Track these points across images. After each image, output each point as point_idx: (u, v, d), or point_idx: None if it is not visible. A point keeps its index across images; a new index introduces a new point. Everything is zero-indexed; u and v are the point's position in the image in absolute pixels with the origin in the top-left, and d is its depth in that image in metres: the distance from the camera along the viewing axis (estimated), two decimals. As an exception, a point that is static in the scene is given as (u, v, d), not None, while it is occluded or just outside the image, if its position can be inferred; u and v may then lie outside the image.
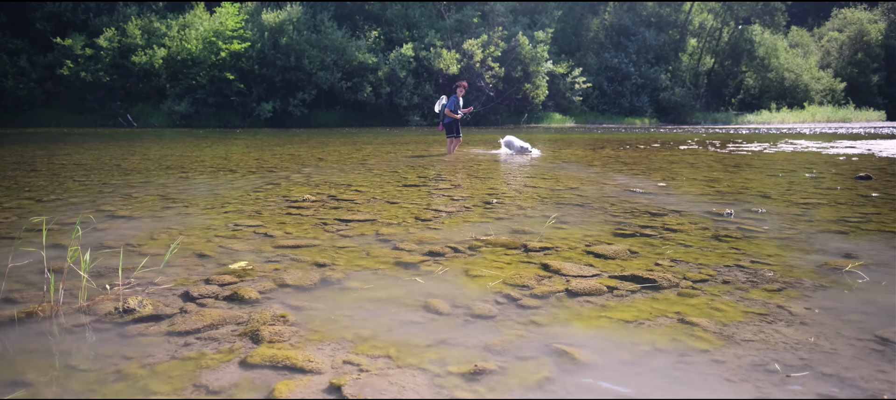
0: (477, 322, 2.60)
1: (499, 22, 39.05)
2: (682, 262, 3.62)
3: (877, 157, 12.25)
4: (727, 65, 55.75)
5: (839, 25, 64.70)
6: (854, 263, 3.56)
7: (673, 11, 53.03)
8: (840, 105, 54.17)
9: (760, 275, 3.34)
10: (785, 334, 2.47)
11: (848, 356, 2.25)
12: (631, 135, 24.33)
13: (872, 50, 61.01)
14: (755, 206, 5.77)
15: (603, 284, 3.12)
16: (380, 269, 3.41)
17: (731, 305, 2.83)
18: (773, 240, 4.25)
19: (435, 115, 35.16)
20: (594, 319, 2.67)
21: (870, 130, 31.75)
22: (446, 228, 4.58)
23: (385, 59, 34.24)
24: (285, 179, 7.70)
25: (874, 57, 60.75)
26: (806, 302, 2.87)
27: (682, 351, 2.30)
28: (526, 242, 4.07)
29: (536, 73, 38.32)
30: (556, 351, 2.28)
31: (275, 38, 32.94)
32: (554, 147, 15.73)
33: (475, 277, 3.25)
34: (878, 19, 64.25)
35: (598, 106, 44.74)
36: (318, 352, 2.26)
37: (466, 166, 9.80)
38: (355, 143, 16.42)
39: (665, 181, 7.75)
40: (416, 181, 7.58)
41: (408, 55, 33.72)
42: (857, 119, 51.76)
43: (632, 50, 46.77)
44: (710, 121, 46.59)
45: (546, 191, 6.82)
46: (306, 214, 5.08)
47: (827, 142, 18.94)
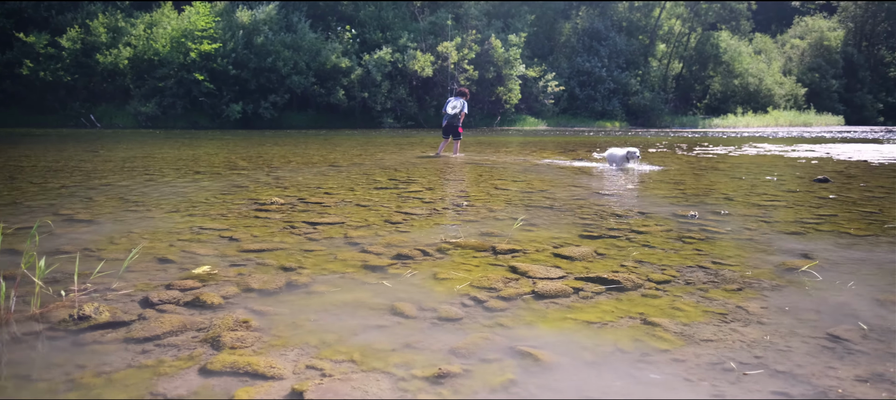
0: (443, 325, 2.61)
1: (472, 25, 39.20)
2: (646, 263, 3.67)
3: (835, 161, 12.60)
4: (695, 70, 56.80)
5: (801, 32, 66.40)
6: (809, 263, 3.66)
7: (643, 17, 53.85)
8: (802, 110, 55.56)
9: (721, 275, 3.40)
10: (742, 333, 2.52)
11: (801, 354, 2.31)
12: (602, 138, 24.61)
13: (832, 57, 62.74)
14: (719, 207, 5.88)
15: (569, 286, 3.15)
16: (347, 272, 3.39)
17: (693, 306, 2.88)
18: (735, 241, 4.35)
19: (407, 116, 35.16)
20: (559, 320, 2.69)
21: (829, 135, 32.63)
22: (416, 230, 4.58)
23: (359, 61, 34.08)
24: (254, 182, 7.61)
25: (833, 64, 62.47)
26: (763, 302, 2.94)
27: (643, 351, 2.33)
28: (495, 244, 4.09)
29: (509, 76, 38.54)
30: (521, 353, 2.29)
31: (249, 38, 32.53)
32: (527, 150, 15.82)
33: (443, 280, 3.25)
34: (837, 27, 66.11)
35: (570, 109, 45.18)
36: (281, 358, 2.23)
37: (439, 169, 9.80)
38: (327, 146, 16.31)
39: (632, 184, 7.86)
40: (387, 184, 7.56)
41: (385, 59, 33.64)
42: (818, 124, 53.15)
43: (603, 54, 47.34)
44: (678, 124, 47.40)
45: (517, 193, 6.86)
46: (274, 217, 5.03)
47: (788, 146, 19.41)
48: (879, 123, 60.90)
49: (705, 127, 46.25)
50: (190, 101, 31.68)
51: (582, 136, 27.10)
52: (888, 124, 60.28)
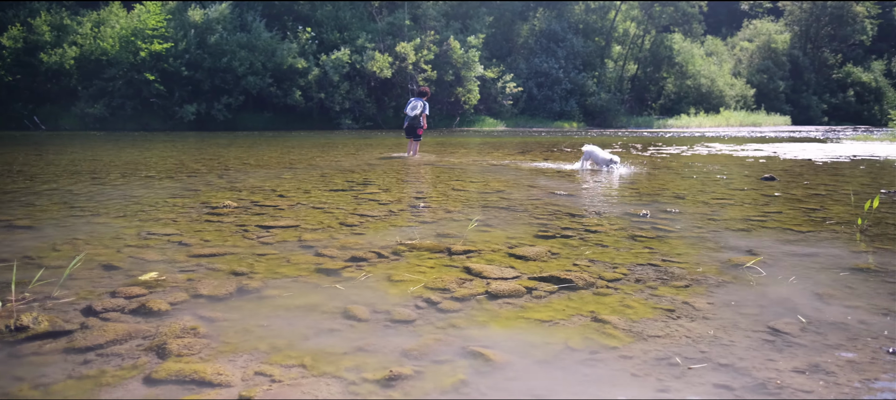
0: (396, 327, 2.60)
1: (431, 26, 39.21)
2: (598, 262, 3.73)
3: (781, 160, 13.05)
4: (649, 71, 58.06)
5: (750, 35, 68.55)
6: (754, 259, 3.78)
7: (599, 19, 54.77)
8: (751, 110, 57.32)
9: (670, 272, 3.49)
10: (688, 329, 2.59)
11: (743, 347, 2.38)
12: (559, 138, 24.93)
13: (779, 59, 64.95)
14: (670, 206, 6.02)
15: (522, 286, 3.18)
16: (300, 276, 3.35)
17: (642, 303, 2.94)
18: (684, 239, 4.46)
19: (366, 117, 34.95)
20: (512, 320, 2.71)
21: (777, 134, 33.78)
22: (371, 232, 4.56)
23: (316, 61, 33.69)
24: (206, 185, 7.45)
25: (780, 65, 64.68)
26: (709, 297, 3.02)
27: (593, 349, 2.37)
28: (450, 245, 4.10)
29: (468, 77, 38.67)
30: (473, 353, 2.31)
31: (202, 38, 31.79)
32: (484, 150, 15.92)
33: (397, 282, 3.24)
34: (784, 31, 68.52)
35: (528, 110, 45.61)
36: (230, 364, 2.19)
37: (397, 170, 9.78)
38: (283, 148, 16.09)
39: (588, 184, 7.98)
40: (343, 186, 7.50)
41: (343, 60, 33.31)
42: (767, 124, 54.94)
43: (561, 56, 47.96)
44: (633, 124, 48.37)
45: (473, 194, 6.89)
46: (226, 221, 4.93)
47: (738, 145, 20.01)
48: (824, 123, 63.29)
49: (660, 127, 47.32)
50: (140, 103, 30.78)
51: (540, 136, 27.41)
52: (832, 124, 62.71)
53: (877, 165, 11.69)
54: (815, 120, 64.11)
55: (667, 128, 46.73)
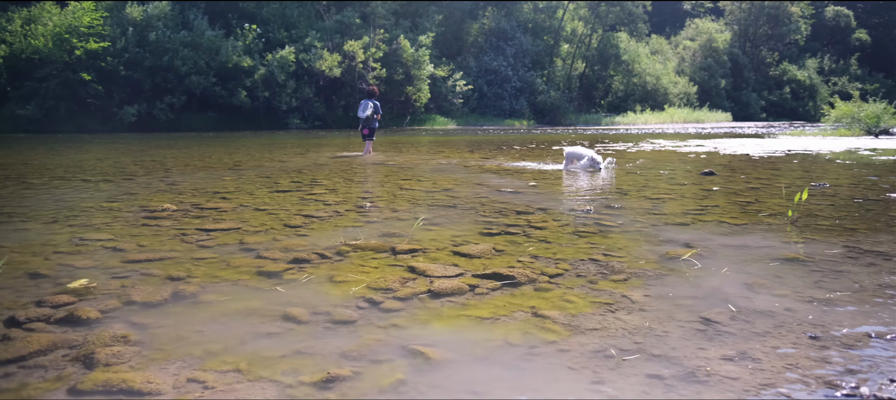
0: (337, 329, 2.57)
1: (380, 24, 38.98)
2: (542, 258, 3.78)
3: (721, 155, 13.51)
4: (597, 69, 59.20)
5: (692, 34, 70.69)
6: (690, 251, 3.90)
7: (547, 18, 55.52)
8: (694, 107, 59.15)
9: (610, 266, 3.56)
10: (625, 321, 2.65)
11: (676, 338, 2.45)
12: (509, 136, 25.17)
13: (720, 57, 67.20)
14: (613, 201, 6.15)
15: (465, 284, 3.19)
16: (240, 279, 3.28)
17: (581, 297, 3.00)
18: (625, 233, 4.56)
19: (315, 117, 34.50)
20: (454, 318, 2.72)
21: (718, 130, 34.96)
22: (316, 233, 4.50)
23: (262, 60, 33.02)
24: (145, 188, 7.21)
25: (721, 64, 66.94)
26: (646, 290, 3.10)
27: (532, 343, 2.40)
28: (395, 244, 4.09)
29: (418, 75, 38.63)
30: (413, 352, 2.30)
31: (141, 36, 30.75)
32: (433, 149, 15.94)
33: (340, 283, 3.21)
34: (724, 30, 71.00)
35: (478, 108, 45.88)
36: (161, 372, 2.13)
37: (345, 170, 9.68)
38: (228, 149, 15.72)
39: (535, 181, 8.08)
40: (289, 187, 7.39)
41: (289, 58, 32.72)
42: (709, 120, 56.79)
43: (510, 54, 48.40)
44: (582, 122, 49.24)
45: (421, 193, 6.89)
46: (164, 225, 4.79)
47: (681, 141, 20.62)
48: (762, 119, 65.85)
49: (608, 124, 48.32)
50: (76, 104, 29.56)
51: (491, 134, 27.60)
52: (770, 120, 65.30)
53: (809, 159, 12.23)
54: (755, 116, 66.59)
55: (614, 125, 47.77)
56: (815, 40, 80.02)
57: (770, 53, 73.87)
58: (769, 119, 66.78)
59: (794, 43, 74.48)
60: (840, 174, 9.16)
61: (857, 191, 7.08)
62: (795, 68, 73.98)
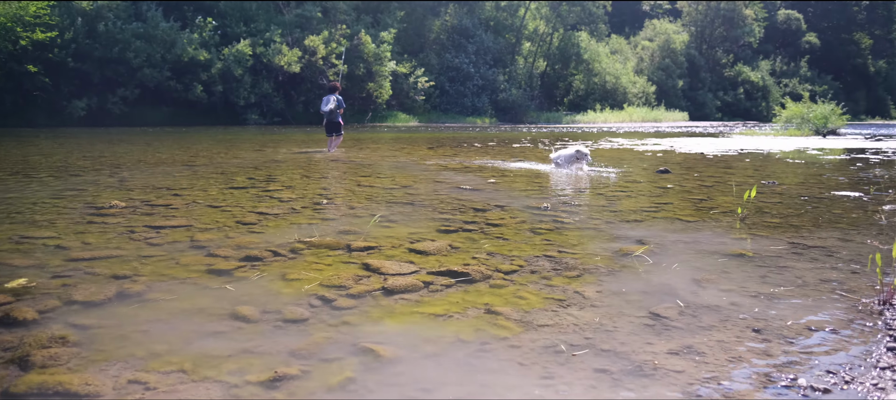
0: (286, 327, 2.53)
1: (341, 19, 38.62)
2: (497, 254, 3.79)
3: (677, 154, 13.81)
4: (558, 68, 59.84)
5: (650, 35, 72.11)
6: (643, 248, 3.97)
7: (509, 16, 55.86)
8: (652, 107, 60.36)
9: (564, 263, 3.59)
10: (576, 317, 2.67)
11: (625, 333, 2.49)
12: (471, 134, 25.24)
13: (677, 58, 68.75)
14: (571, 199, 6.22)
15: (420, 281, 3.18)
16: (189, 278, 3.20)
17: (535, 293, 3.02)
18: (580, 230, 4.62)
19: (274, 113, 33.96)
20: (407, 315, 2.71)
21: (675, 129, 35.75)
22: (270, 231, 4.42)
23: (219, 54, 32.32)
24: (93, 184, 6.98)
25: (679, 64, 68.49)
26: (598, 286, 3.14)
27: (483, 340, 2.40)
28: (350, 242, 4.05)
29: (380, 72, 38.41)
30: (363, 350, 2.28)
31: (91, 27, 29.74)
32: (394, 146, 15.87)
33: (292, 281, 3.16)
34: (682, 31, 72.68)
35: (440, 105, 45.90)
36: (100, 373, 2.06)
37: (303, 167, 9.55)
38: (183, 144, 15.35)
39: (494, 178, 8.12)
40: (244, 183, 7.25)
41: (245, 52, 32.07)
42: (667, 119, 58.02)
43: (472, 51, 48.54)
44: (543, 120, 49.72)
45: (379, 190, 6.85)
46: (112, 222, 4.64)
47: (639, 140, 21.01)
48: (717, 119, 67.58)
49: (568, 123, 48.89)
50: (22, 97, 28.44)
51: (454, 132, 27.63)
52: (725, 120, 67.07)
53: (760, 158, 12.59)
54: (710, 116, 68.30)
55: (575, 123, 48.36)
56: (768, 42, 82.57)
57: (725, 55, 75.86)
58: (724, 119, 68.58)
59: (748, 45, 76.71)
60: (788, 173, 9.46)
61: (803, 189, 7.32)
62: (749, 70, 76.18)
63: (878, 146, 17.89)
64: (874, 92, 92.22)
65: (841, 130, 28.22)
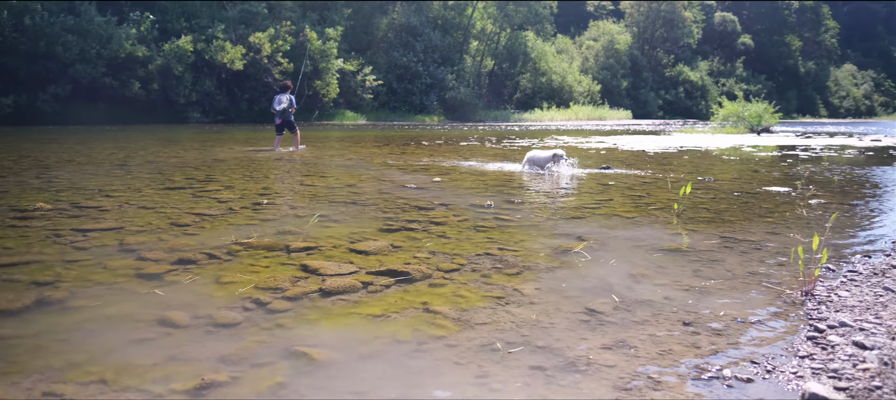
0: (217, 332, 2.45)
1: (287, 15, 37.89)
2: (439, 253, 3.78)
3: (619, 151, 14.13)
4: (505, 67, 60.37)
5: (595, 35, 73.64)
6: (582, 244, 4.03)
7: (457, 15, 55.98)
8: (597, 105, 61.63)
9: (505, 261, 3.61)
10: (514, 314, 2.68)
11: (561, 329, 2.51)
12: (419, 132, 25.19)
13: (621, 58, 70.48)
14: (514, 196, 6.27)
15: (359, 281, 3.14)
16: (116, 283, 3.07)
17: (474, 291, 3.02)
18: (522, 227, 4.65)
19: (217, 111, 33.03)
20: (343, 316, 2.66)
21: (619, 127, 36.58)
22: (206, 232, 4.29)
23: (159, 50, 31.19)
24: (18, 186, 6.63)
25: (622, 64, 70.23)
26: (537, 283, 3.17)
27: (420, 340, 2.39)
28: (289, 242, 3.96)
29: (327, 69, 37.88)
30: (296, 353, 2.23)
31: (17, 20, 28.21)
32: (340, 144, 15.68)
33: (226, 284, 3.07)
34: (625, 31, 74.55)
35: (389, 103, 45.65)
36: (13, 387, 1.94)
37: (244, 166, 9.32)
38: (118, 143, 14.77)
39: (440, 177, 8.11)
40: (182, 183, 7.02)
41: (186, 49, 31.06)
42: (611, 118, 59.33)
43: (420, 50, 48.44)
44: (491, 118, 50.06)
45: (323, 189, 6.74)
46: (35, 226, 4.41)
47: (584, 138, 21.40)
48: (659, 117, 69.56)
49: (516, 121, 49.40)
50: (-57, 93, 26.79)
51: (402, 130, 27.52)
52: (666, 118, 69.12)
53: (698, 155, 13.01)
54: (653, 114, 70.21)
55: (522, 121, 48.90)
56: (706, 44, 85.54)
57: (666, 55, 78.15)
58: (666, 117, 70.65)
59: (688, 46, 79.24)
60: (724, 169, 9.80)
61: (736, 184, 7.59)
62: (689, 69, 78.68)
63: (807, 143, 18.76)
64: (804, 91, 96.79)
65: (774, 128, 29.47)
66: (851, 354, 2.21)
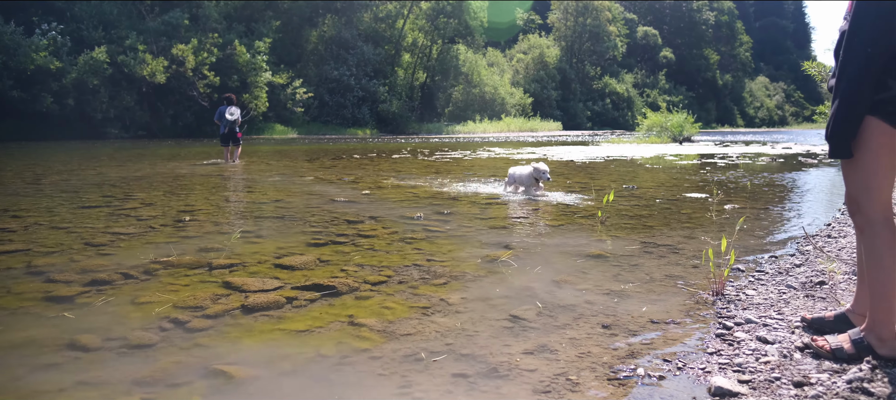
0: (132, 354, 2.36)
1: (212, 27, 36.83)
2: (366, 266, 3.77)
3: (549, 161, 14.46)
4: (438, 80, 60.78)
5: (525, 48, 75.31)
6: (508, 253, 4.10)
7: (388, 28, 55.99)
8: (529, 117, 62.92)
9: (432, 271, 3.63)
10: (439, 324, 2.70)
11: (485, 336, 2.55)
12: (350, 145, 25.00)
13: (550, 71, 72.33)
14: (444, 208, 6.32)
15: (283, 296, 3.09)
16: (21, 307, 2.90)
17: (401, 303, 3.02)
18: (451, 238, 4.69)
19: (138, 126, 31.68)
20: (266, 332, 2.61)
21: (549, 138, 37.48)
22: (122, 252, 4.11)
23: (72, 62, 29.60)
24: (-87, 207, 6.17)
25: (552, 76, 72.08)
26: (464, 292, 3.20)
27: (344, 353, 2.37)
28: (212, 260, 3.85)
29: (255, 82, 37.04)
30: (215, 372, 2.17)
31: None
32: (269, 159, 15.36)
33: (142, 305, 2.95)
34: (553, 45, 76.65)
35: (320, 117, 45.05)
36: None
37: (167, 182, 8.98)
38: (29, 160, 13.95)
39: (370, 190, 8.08)
40: (98, 202, 6.70)
41: (101, 60, 29.56)
42: (542, 129, 60.68)
43: (351, 63, 48.10)
44: (424, 131, 50.24)
45: (250, 204, 6.59)
46: (-68, 250, 4.11)
47: (515, 149, 21.79)
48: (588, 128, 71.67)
49: (449, 133, 49.77)
50: None
51: (334, 143, 27.22)
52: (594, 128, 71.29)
53: (624, 164, 13.49)
54: (582, 125, 72.29)
55: (455, 134, 49.32)
56: (631, 57, 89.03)
57: (593, 68, 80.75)
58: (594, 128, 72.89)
59: (614, 59, 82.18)
60: (647, 177, 10.20)
61: (658, 192, 7.91)
62: (615, 82, 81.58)
63: (725, 151, 19.78)
64: (723, 102, 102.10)
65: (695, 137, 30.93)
66: (755, 348, 2.35)
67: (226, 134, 13.08)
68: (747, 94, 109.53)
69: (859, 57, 2.04)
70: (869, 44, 2.03)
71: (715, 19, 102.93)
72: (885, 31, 2.01)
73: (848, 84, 2.08)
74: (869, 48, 2.02)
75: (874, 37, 2.02)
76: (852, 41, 2.07)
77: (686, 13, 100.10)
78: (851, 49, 2.07)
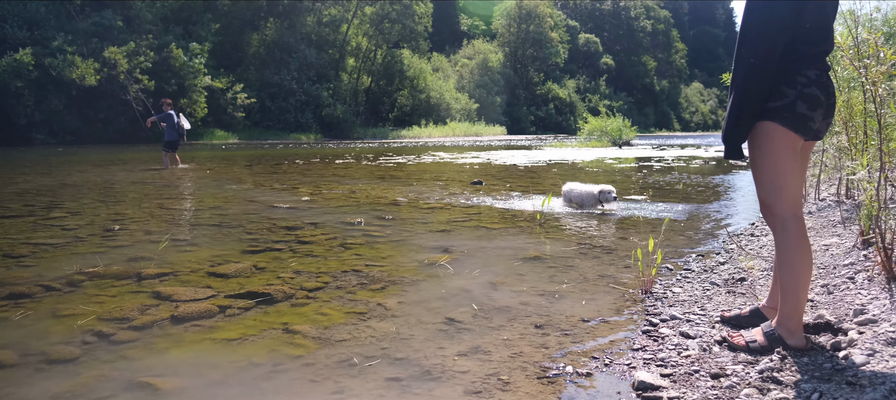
0: (51, 369, 2.26)
1: (147, 29, 35.60)
2: (304, 272, 3.72)
3: (492, 165, 14.63)
4: (383, 84, 60.64)
5: (470, 54, 76.01)
6: (447, 256, 4.13)
7: (332, 32, 55.46)
8: (474, 122, 63.50)
9: (371, 276, 3.62)
10: (375, 329, 2.70)
11: (420, 340, 2.56)
12: (293, 151, 24.62)
13: (495, 76, 73.23)
14: (385, 213, 6.30)
15: (216, 305, 3.02)
16: (-70, 323, 2.73)
17: (337, 309, 3.00)
18: (391, 243, 4.69)
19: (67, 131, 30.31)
20: (196, 342, 2.55)
21: (494, 143, 37.86)
22: (44, 263, 3.93)
23: (-4, 65, 28.05)
24: None
25: (496, 82, 72.99)
26: (401, 296, 3.21)
27: (277, 361, 2.34)
28: (141, 269, 3.73)
29: (194, 87, 36.03)
30: (140, 384, 2.11)
31: None
32: (207, 165, 14.97)
33: (64, 318, 2.83)
34: (497, 51, 77.66)
35: (262, 122, 44.20)
36: None
37: (96, 189, 8.63)
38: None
39: (310, 196, 7.98)
40: (18, 211, 6.38)
41: (25, 62, 28.12)
42: (487, 134, 61.33)
43: (294, 67, 47.39)
44: (369, 136, 49.99)
45: (184, 212, 6.41)
46: None
47: (460, 153, 21.93)
48: (532, 132, 72.86)
49: (394, 138, 49.67)
50: None
51: (277, 149, 26.75)
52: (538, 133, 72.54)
53: (565, 168, 13.76)
54: (526, 129, 73.42)
55: (400, 138, 49.26)
56: (573, 63, 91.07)
57: (537, 73, 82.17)
58: (538, 132, 74.14)
59: (556, 65, 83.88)
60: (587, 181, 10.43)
61: (595, 194, 8.10)
62: (558, 87, 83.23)
63: (661, 154, 20.44)
64: (660, 107, 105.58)
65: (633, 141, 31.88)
66: (677, 343, 2.44)
67: (174, 141, 13.51)
68: (683, 99, 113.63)
69: (744, 66, 2.15)
70: (752, 54, 2.14)
71: (652, 27, 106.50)
72: (768, 42, 2.11)
73: (736, 92, 2.19)
74: (752, 58, 2.13)
75: (756, 46, 2.13)
76: (740, 50, 2.18)
77: (625, 21, 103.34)
78: (739, 58, 2.19)
